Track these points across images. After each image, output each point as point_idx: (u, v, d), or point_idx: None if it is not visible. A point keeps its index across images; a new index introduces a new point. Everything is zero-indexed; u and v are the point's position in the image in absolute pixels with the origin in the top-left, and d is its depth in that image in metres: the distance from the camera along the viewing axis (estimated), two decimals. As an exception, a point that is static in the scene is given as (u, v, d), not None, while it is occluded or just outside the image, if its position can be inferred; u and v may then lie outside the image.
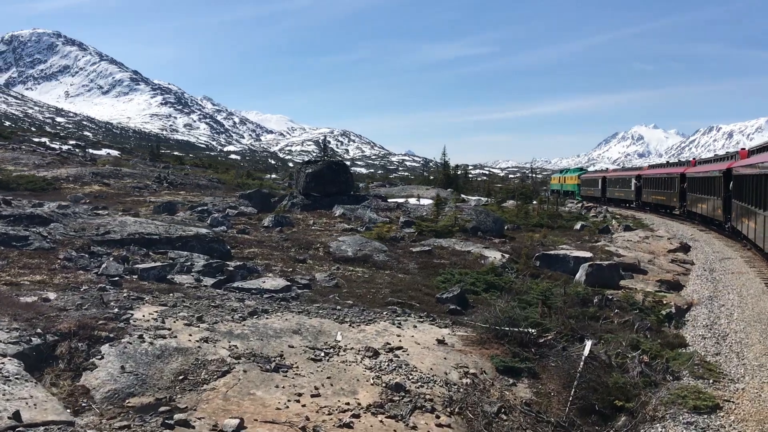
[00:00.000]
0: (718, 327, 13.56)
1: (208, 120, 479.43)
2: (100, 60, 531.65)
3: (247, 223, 20.24)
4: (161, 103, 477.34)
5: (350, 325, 10.00)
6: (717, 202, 27.49)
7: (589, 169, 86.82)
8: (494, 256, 17.78)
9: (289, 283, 12.16)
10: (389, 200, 31.87)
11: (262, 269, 13.21)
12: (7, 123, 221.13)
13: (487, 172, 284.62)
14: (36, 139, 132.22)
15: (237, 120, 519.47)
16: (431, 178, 58.12)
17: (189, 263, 12.37)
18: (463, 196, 50.67)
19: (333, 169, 26.08)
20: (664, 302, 15.23)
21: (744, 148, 25.93)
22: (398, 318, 10.78)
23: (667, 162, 51.55)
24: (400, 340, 9.55)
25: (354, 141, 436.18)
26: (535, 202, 44.96)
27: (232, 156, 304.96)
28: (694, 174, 32.94)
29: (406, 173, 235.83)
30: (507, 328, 10.16)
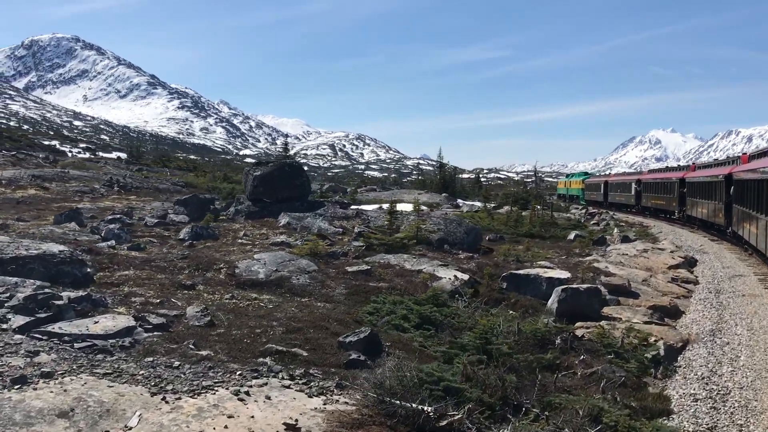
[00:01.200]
0: (718, 379, 10.28)
1: (224, 124, 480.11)
2: (117, 64, 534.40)
3: (159, 235, 17.19)
4: (178, 107, 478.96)
5: (164, 399, 6.88)
6: (718, 206, 27.07)
7: (595, 173, 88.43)
8: (449, 276, 14.59)
9: (134, 324, 9.07)
10: (364, 207, 28.74)
11: (114, 301, 10.12)
12: (12, 124, 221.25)
13: (502, 176, 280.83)
14: (46, 142, 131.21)
15: (253, 124, 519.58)
16: (425, 181, 54.76)
17: (7, 295, 9.34)
18: (459, 201, 47.44)
19: (286, 171, 22.93)
20: (651, 340, 11.95)
21: (745, 153, 25.69)
22: (253, 381, 7.66)
23: (667, 167, 51.51)
24: (226, 427, 6.41)
25: (369, 145, 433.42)
26: (538, 207, 41.75)
27: (248, 159, 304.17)
28: (694, 179, 32.60)
29: (419, 177, 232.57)
30: (398, 402, 7.00)
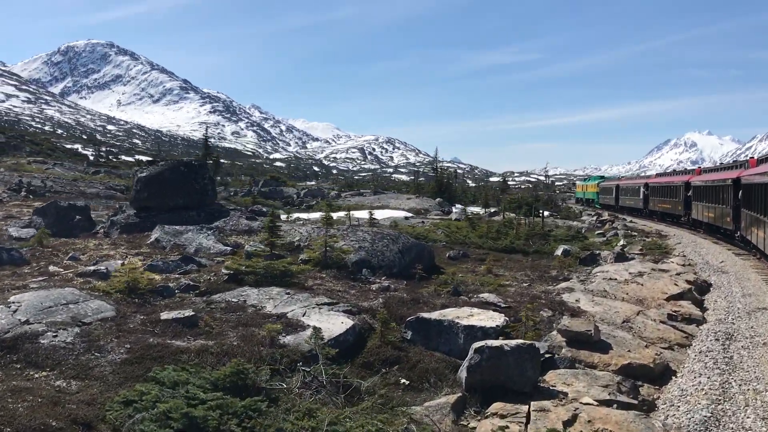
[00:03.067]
0: None
1: (255, 128, 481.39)
2: (151, 69, 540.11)
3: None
4: (210, 111, 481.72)
5: None
6: (726, 210, 26.71)
7: (611, 177, 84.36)
8: (324, 324, 9.94)
9: None
10: (311, 215, 24.23)
11: None
12: (47, 128, 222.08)
13: (533, 179, 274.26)
14: (68, 146, 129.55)
15: (284, 128, 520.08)
16: (423, 185, 49.76)
17: None
18: (457, 206, 42.65)
19: (181, 172, 18.41)
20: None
21: (753, 157, 25.71)
22: None
23: (674, 171, 51.18)
24: None
25: (399, 148, 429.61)
26: (544, 212, 36.79)
27: (278, 163, 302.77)
28: (700, 182, 32.43)
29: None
30: None
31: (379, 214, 33.39)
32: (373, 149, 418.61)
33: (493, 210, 38.58)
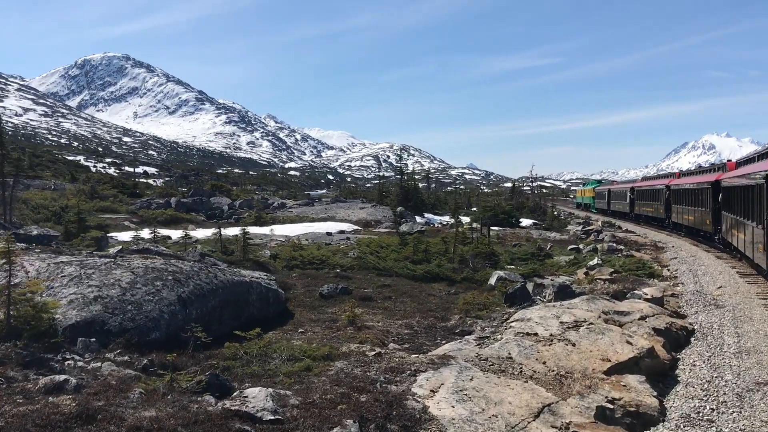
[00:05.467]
0: None
1: (270, 138, 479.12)
2: (167, 81, 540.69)
3: None
4: (225, 122, 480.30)
5: None
6: (705, 213, 26.88)
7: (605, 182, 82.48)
8: None
9: None
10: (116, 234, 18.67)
11: None
12: (63, 141, 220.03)
13: (547, 185, 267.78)
14: (70, 158, 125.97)
15: (299, 137, 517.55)
16: (391, 192, 43.64)
17: None
18: (427, 217, 36.94)
19: None
20: None
21: (730, 160, 26.62)
22: None
23: (659, 174, 51.46)
24: None
25: (413, 155, 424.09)
26: (522, 221, 31.02)
27: (292, 172, 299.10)
28: (679, 186, 32.74)
29: (462, 186, 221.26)
30: None
31: (311, 227, 27.88)
32: (388, 156, 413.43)
33: (467, 219, 32.84)
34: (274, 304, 11.52)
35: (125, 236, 22.37)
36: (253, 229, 26.16)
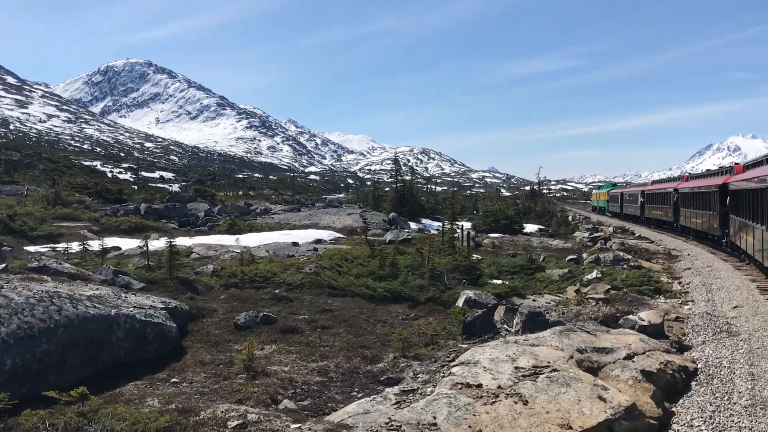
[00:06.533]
0: None
1: (290, 142, 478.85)
2: (188, 87, 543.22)
3: None
4: (246, 127, 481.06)
5: None
6: (713, 216, 26.54)
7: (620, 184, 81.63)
8: None
9: None
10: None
11: None
12: (86, 147, 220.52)
13: (569, 188, 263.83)
14: (87, 163, 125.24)
15: (319, 141, 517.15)
16: (386, 198, 40.76)
17: None
18: (424, 222, 34.41)
19: None
20: None
21: (738, 163, 26.21)
22: None
23: (669, 177, 49.78)
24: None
25: (434, 159, 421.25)
26: (526, 227, 28.45)
27: (312, 176, 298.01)
28: (687, 189, 32.35)
29: (482, 190, 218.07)
30: None
31: (287, 236, 25.49)
32: (408, 160, 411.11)
33: (462, 225, 30.24)
34: (157, 342, 9.13)
35: (74, 246, 20.15)
36: (219, 238, 23.86)
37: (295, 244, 21.86)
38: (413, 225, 32.62)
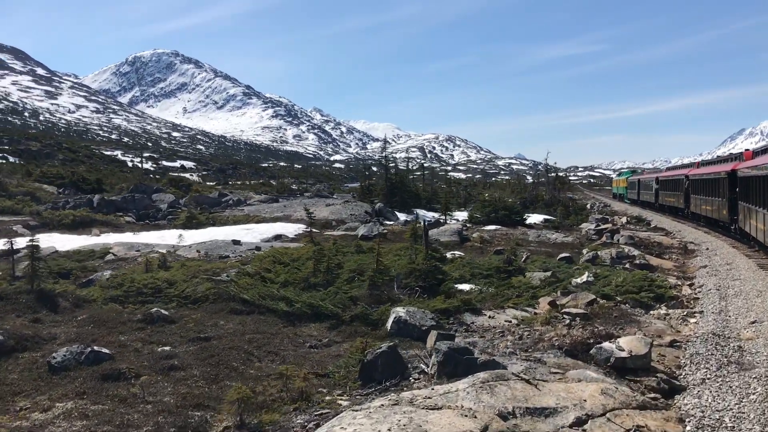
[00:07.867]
0: None
1: (316, 131, 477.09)
2: (215, 76, 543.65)
3: None
4: (272, 116, 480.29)
5: None
6: (722, 203, 26.27)
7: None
8: None
9: None
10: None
11: None
12: (114, 137, 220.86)
13: (596, 174, 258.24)
14: (107, 153, 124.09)
15: (344, 129, 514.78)
16: (374, 186, 37.52)
17: None
18: (417, 213, 31.34)
19: None
20: None
21: (748, 150, 26.34)
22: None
23: (683, 164, 49.29)
24: None
25: (459, 146, 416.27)
26: (529, 217, 25.35)
27: (337, 165, 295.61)
28: (697, 176, 32.12)
29: (507, 177, 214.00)
30: None
31: (245, 230, 22.66)
32: (434, 148, 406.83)
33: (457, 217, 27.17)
34: None
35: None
36: (162, 235, 21.10)
37: (235, 242, 18.90)
38: (402, 216, 29.56)
